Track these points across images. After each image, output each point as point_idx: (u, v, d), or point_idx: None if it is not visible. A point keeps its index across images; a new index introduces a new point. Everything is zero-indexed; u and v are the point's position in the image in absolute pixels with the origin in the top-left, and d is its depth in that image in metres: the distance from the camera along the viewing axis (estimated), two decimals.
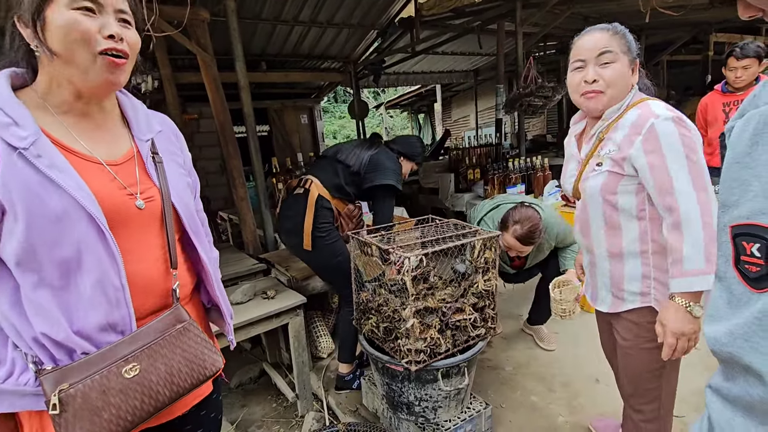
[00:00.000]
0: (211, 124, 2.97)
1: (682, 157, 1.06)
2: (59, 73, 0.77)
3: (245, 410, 2.25)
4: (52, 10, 0.74)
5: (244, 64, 2.56)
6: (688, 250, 1.05)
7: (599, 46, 1.14)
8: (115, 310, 0.80)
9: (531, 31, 4.71)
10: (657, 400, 1.30)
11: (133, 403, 0.78)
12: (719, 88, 3.07)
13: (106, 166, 0.83)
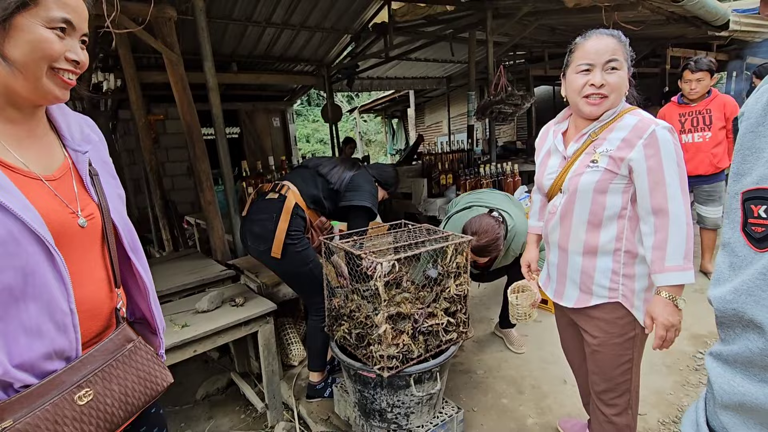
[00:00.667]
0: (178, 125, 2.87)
1: (675, 164, 1.15)
2: (3, 78, 0.71)
3: (212, 422, 2.17)
4: (26, 21, 0.69)
5: (212, 65, 2.49)
6: (671, 247, 1.15)
7: (608, 53, 1.18)
8: (62, 337, 0.75)
9: (501, 40, 4.83)
10: (628, 392, 1.36)
11: (87, 429, 0.74)
12: (675, 99, 3.23)
13: (45, 182, 0.77)
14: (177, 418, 2.21)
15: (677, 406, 2.00)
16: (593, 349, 1.37)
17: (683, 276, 1.15)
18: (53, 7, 0.71)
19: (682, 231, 1.14)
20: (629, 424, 1.39)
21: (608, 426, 1.41)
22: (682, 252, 1.14)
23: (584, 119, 1.30)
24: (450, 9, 4.24)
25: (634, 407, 1.39)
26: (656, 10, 3.45)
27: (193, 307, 1.99)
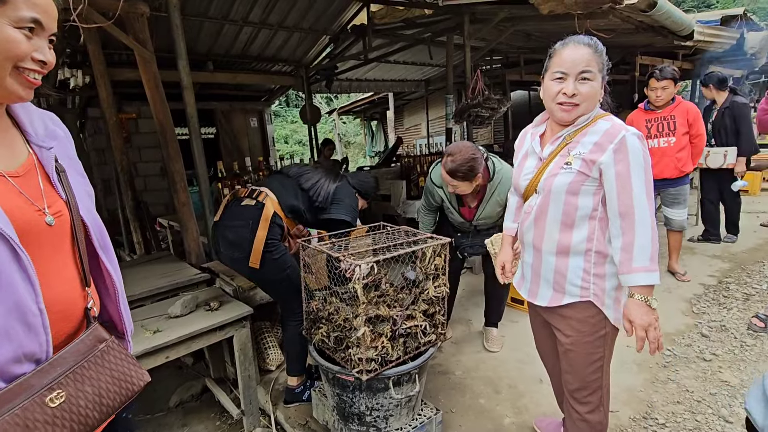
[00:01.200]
0: (151, 124, 2.78)
1: (642, 170, 1.20)
2: None
3: (186, 430, 2.11)
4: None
5: (187, 63, 2.43)
6: (637, 249, 1.19)
7: (582, 64, 1.21)
8: (31, 339, 0.72)
9: (478, 45, 4.91)
10: (599, 390, 1.40)
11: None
12: (642, 106, 3.34)
13: (8, 178, 0.75)
14: (149, 426, 2.13)
15: (647, 403, 2.06)
16: (566, 348, 1.40)
17: (649, 277, 1.19)
18: (22, 7, 0.69)
19: (647, 234, 1.18)
20: (601, 421, 1.43)
21: (581, 423, 1.44)
22: (648, 254, 1.19)
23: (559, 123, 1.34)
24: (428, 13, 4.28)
25: (605, 404, 1.43)
26: (626, 19, 3.57)
27: (166, 312, 1.93)
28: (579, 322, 1.35)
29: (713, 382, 2.18)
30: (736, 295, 3.10)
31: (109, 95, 3.23)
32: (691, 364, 2.34)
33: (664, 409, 2.02)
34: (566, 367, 1.43)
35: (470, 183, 2.06)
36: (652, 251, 1.19)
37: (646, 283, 1.20)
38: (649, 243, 1.19)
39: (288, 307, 2.04)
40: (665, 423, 1.92)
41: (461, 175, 2.01)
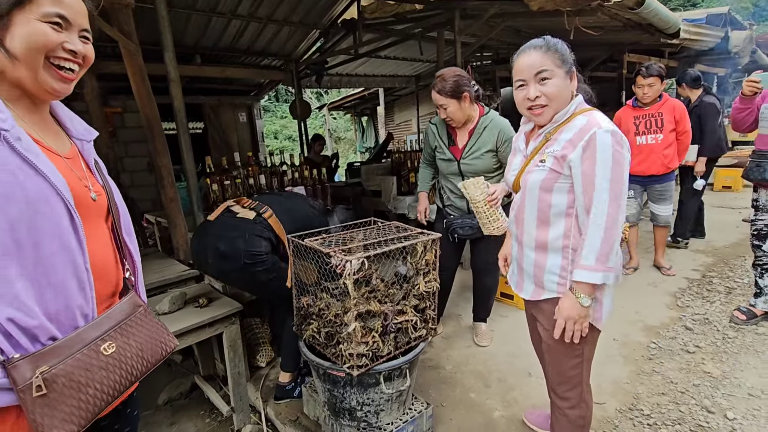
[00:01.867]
0: (138, 118, 2.72)
1: (609, 169, 1.18)
2: (10, 70, 0.78)
3: (175, 428, 2.09)
4: (22, 17, 0.76)
5: (173, 56, 2.39)
6: (586, 248, 1.21)
7: (536, 66, 1.24)
8: (80, 294, 0.83)
9: (469, 41, 4.91)
10: (579, 386, 1.41)
11: (113, 377, 0.84)
12: (630, 103, 3.38)
13: (63, 158, 0.87)
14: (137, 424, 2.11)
15: (633, 394, 2.10)
16: (546, 342, 1.43)
17: (590, 276, 1.20)
18: (46, 3, 0.77)
19: (599, 233, 1.18)
20: (583, 416, 1.44)
21: (563, 418, 1.46)
22: (595, 253, 1.19)
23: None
24: (419, 8, 4.26)
25: (587, 400, 1.44)
26: (614, 16, 3.61)
27: (154, 309, 1.91)
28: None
29: (696, 373, 2.23)
30: (719, 289, 3.17)
31: (94, 89, 3.16)
32: (675, 356, 2.39)
33: (649, 400, 2.06)
34: (548, 361, 1.46)
35: (459, 103, 2.11)
36: (600, 251, 1.19)
37: (585, 281, 1.21)
38: (599, 242, 1.18)
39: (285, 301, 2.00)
40: (650, 414, 1.96)
41: (449, 92, 2.07)
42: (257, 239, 1.86)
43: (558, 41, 1.27)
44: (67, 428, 0.77)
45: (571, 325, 1.26)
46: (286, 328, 2.05)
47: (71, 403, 0.78)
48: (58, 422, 0.76)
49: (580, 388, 1.41)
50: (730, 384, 2.12)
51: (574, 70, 1.29)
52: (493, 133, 2.20)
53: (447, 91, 2.08)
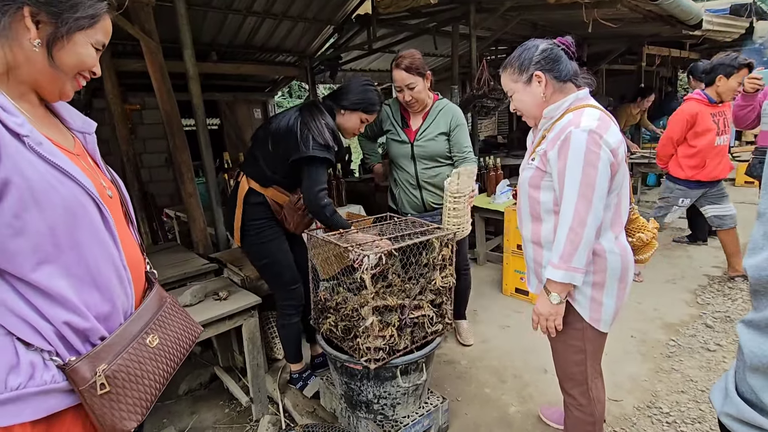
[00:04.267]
0: (156, 115, 2.78)
1: (579, 167, 1.18)
2: (31, 70, 0.78)
3: (195, 418, 2.14)
4: (82, 38, 0.81)
5: (192, 53, 2.42)
6: (555, 245, 1.24)
7: (504, 88, 1.40)
8: (123, 292, 0.86)
9: (484, 35, 4.85)
10: (584, 383, 1.40)
11: (162, 367, 0.89)
12: (704, 98, 2.87)
13: (73, 154, 0.86)
14: (159, 413, 2.17)
15: (651, 392, 2.08)
16: (550, 339, 1.44)
17: (553, 273, 1.22)
18: (101, 32, 0.85)
19: (564, 231, 1.20)
20: (591, 413, 1.42)
21: (571, 414, 1.47)
22: (558, 251, 1.21)
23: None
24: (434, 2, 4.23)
25: (596, 397, 1.42)
26: (634, 8, 3.53)
27: None
28: None
29: (717, 372, 2.19)
30: (741, 286, 3.10)
31: (115, 86, 3.23)
32: (695, 354, 2.36)
33: (668, 398, 2.04)
34: (553, 357, 1.48)
35: (424, 81, 2.12)
36: (563, 250, 1.20)
37: (549, 277, 1.24)
38: (563, 241, 1.20)
39: (276, 297, 2.07)
40: (669, 412, 1.94)
41: (419, 68, 2.07)
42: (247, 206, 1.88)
43: (520, 51, 1.33)
44: (134, 419, 0.82)
45: (544, 322, 1.31)
46: (277, 326, 2.12)
47: (133, 395, 0.82)
48: (125, 414, 0.81)
49: (585, 386, 1.40)
50: None
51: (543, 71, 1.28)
52: (447, 117, 2.20)
53: (417, 67, 2.07)
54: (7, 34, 0.73)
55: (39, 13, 0.74)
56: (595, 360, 1.39)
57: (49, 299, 0.75)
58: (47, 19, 0.75)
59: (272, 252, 1.92)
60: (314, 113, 1.74)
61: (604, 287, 1.28)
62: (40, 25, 0.75)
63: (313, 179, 1.70)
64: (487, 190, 3.75)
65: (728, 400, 0.61)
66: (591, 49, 6.23)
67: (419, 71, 2.08)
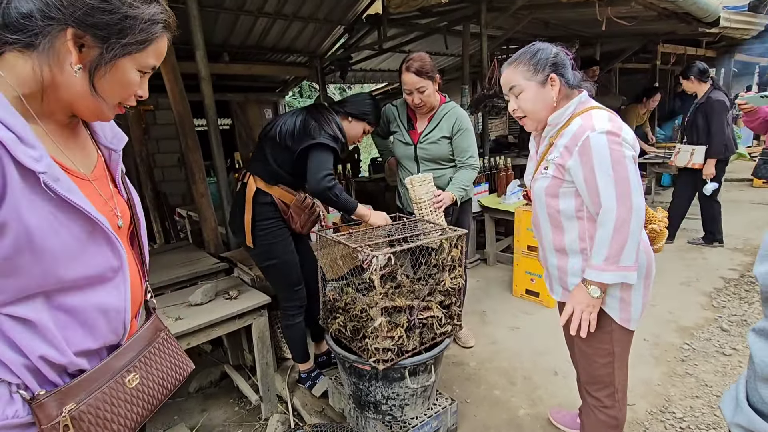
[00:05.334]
0: (168, 115, 2.82)
1: (608, 169, 1.17)
2: (69, 94, 0.71)
3: (205, 415, 2.17)
4: (127, 64, 0.73)
5: (204, 54, 2.45)
6: (596, 248, 1.22)
7: (508, 84, 1.31)
8: (117, 326, 0.81)
9: (495, 33, 4.82)
10: (611, 386, 1.38)
11: (136, 410, 0.81)
12: None
13: (91, 182, 0.80)
14: (170, 411, 2.20)
15: (665, 396, 2.04)
16: (575, 341, 1.41)
17: (598, 275, 1.21)
18: (152, 56, 0.76)
19: (607, 234, 1.18)
20: (616, 416, 1.41)
21: (594, 417, 1.44)
22: (603, 253, 1.20)
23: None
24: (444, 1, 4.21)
25: (620, 400, 1.41)
26: (649, 6, 3.47)
27: (186, 300, 1.98)
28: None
29: (733, 377, 2.15)
30: (758, 289, 3.02)
31: None
32: (710, 358, 2.31)
33: (682, 403, 2.00)
34: (578, 359, 1.45)
35: (434, 84, 2.10)
36: (608, 252, 1.19)
37: (594, 280, 1.22)
38: (607, 243, 1.18)
39: (279, 298, 2.05)
40: (683, 417, 1.90)
41: (429, 71, 2.05)
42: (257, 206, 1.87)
43: (534, 50, 1.27)
44: None
45: (579, 312, 1.28)
46: (281, 327, 2.11)
47: None
48: None
49: (612, 389, 1.38)
50: None
51: (557, 75, 1.25)
52: (450, 121, 2.18)
53: (427, 70, 2.05)
54: (48, 54, 0.67)
55: (84, 36, 0.67)
56: (622, 362, 1.38)
57: (27, 330, 0.69)
58: (92, 43, 0.68)
59: (281, 252, 1.93)
60: (323, 110, 1.88)
61: (632, 285, 1.27)
62: (83, 49, 0.68)
63: (319, 162, 1.77)
64: (498, 191, 3.72)
65: (739, 410, 0.59)
66: (604, 48, 6.14)
67: (429, 75, 2.06)
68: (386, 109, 2.39)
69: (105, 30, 0.68)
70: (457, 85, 4.39)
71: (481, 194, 3.67)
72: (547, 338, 2.53)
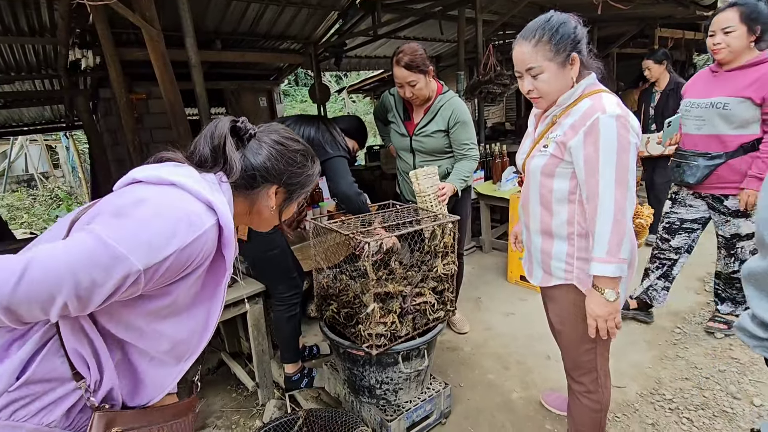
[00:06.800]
0: (162, 104, 2.78)
1: (613, 154, 1.13)
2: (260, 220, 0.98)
3: (203, 402, 2.19)
4: (295, 202, 1.01)
5: (194, 41, 2.41)
6: (597, 238, 1.16)
7: (525, 63, 1.21)
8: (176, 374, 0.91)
9: (490, 18, 4.76)
10: (594, 371, 1.39)
11: None
12: None
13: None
14: None
15: (655, 379, 2.08)
16: (556, 327, 1.42)
17: (604, 268, 1.15)
18: (302, 196, 1.02)
19: (608, 223, 1.14)
20: (599, 401, 1.42)
21: (578, 402, 1.45)
22: (605, 244, 1.15)
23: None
24: None
25: (603, 385, 1.42)
26: None
27: None
28: (565, 304, 1.35)
29: (723, 359, 2.18)
30: None
31: (119, 75, 3.23)
32: (701, 341, 2.34)
33: (671, 385, 2.03)
34: (561, 345, 1.46)
35: (426, 78, 2.06)
36: (610, 242, 1.14)
37: (600, 274, 1.16)
38: (608, 233, 1.14)
39: (274, 291, 2.02)
40: (672, 399, 1.94)
41: (420, 65, 2.00)
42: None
43: (556, 25, 1.17)
44: None
45: (603, 324, 1.21)
46: (275, 317, 2.07)
47: None
48: None
49: (595, 374, 1.39)
50: (758, 371, 2.07)
51: (577, 53, 1.19)
52: (446, 113, 2.14)
53: (418, 64, 2.00)
54: (258, 196, 0.94)
55: (280, 189, 0.95)
56: (604, 348, 1.38)
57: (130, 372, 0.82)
58: (283, 194, 0.97)
59: (279, 241, 1.95)
60: (333, 126, 2.06)
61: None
62: (276, 195, 0.95)
63: (345, 171, 1.96)
64: (493, 178, 3.72)
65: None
66: (601, 33, 6.07)
67: (420, 68, 2.01)
68: (384, 97, 2.37)
69: (293, 187, 0.97)
70: (453, 72, 4.35)
71: (477, 182, 3.67)
72: (541, 323, 2.53)
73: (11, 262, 0.64)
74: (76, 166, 11.20)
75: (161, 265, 0.71)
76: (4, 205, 10.04)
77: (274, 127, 0.97)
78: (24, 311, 0.65)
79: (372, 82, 11.23)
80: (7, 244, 3.49)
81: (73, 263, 0.65)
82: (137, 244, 0.69)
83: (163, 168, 0.82)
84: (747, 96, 1.93)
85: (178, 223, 0.73)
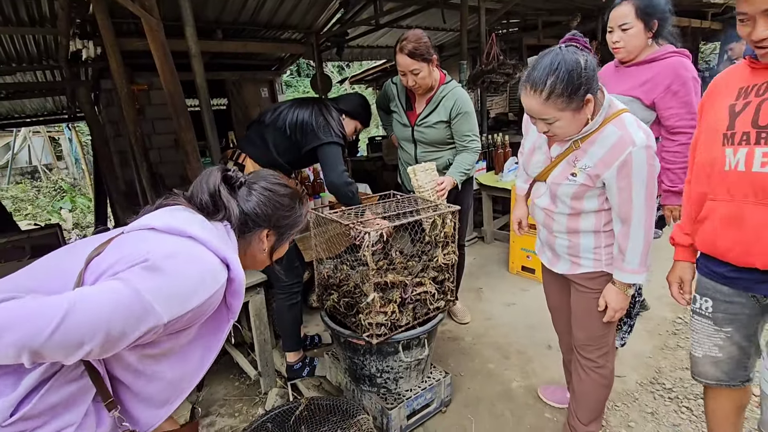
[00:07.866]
0: (163, 95, 2.77)
1: (644, 185, 1.23)
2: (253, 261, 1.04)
3: (206, 390, 2.22)
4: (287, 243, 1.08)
5: (194, 30, 2.40)
6: (630, 254, 1.29)
7: (537, 114, 1.21)
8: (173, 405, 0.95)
9: (494, 7, 4.70)
10: (606, 345, 1.48)
11: None
12: None
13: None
14: None
15: (655, 368, 2.08)
16: (579, 304, 1.47)
17: (636, 278, 1.31)
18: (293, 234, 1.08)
19: (640, 240, 1.27)
20: (607, 376, 1.51)
21: (587, 378, 1.51)
22: (638, 258, 1.28)
23: None
24: None
25: (611, 360, 1.51)
26: None
27: None
28: (592, 284, 1.43)
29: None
30: None
31: (120, 66, 3.22)
32: None
33: (671, 374, 2.04)
34: (578, 321, 1.50)
35: (429, 67, 2.03)
36: (642, 255, 1.28)
37: (631, 282, 1.32)
38: (641, 247, 1.27)
39: (276, 279, 2.03)
40: (672, 388, 1.95)
41: (423, 53, 1.97)
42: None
43: (564, 75, 1.12)
44: None
45: (620, 314, 1.39)
46: (276, 305, 2.08)
47: None
48: None
49: (606, 348, 1.48)
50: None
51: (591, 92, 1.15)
52: (449, 104, 2.11)
53: (422, 52, 1.96)
54: (251, 240, 1.00)
55: (270, 231, 1.02)
56: (614, 326, 1.48)
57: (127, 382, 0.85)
58: (274, 236, 1.03)
59: None
60: (329, 109, 1.97)
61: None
62: (268, 237, 1.02)
63: (336, 159, 1.89)
64: (495, 168, 3.70)
65: None
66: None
67: (424, 57, 1.98)
68: (386, 86, 2.35)
69: (283, 229, 1.03)
70: (455, 61, 4.31)
71: (479, 172, 3.65)
72: (542, 313, 2.54)
73: (51, 309, 0.65)
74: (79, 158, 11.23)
75: (181, 318, 0.75)
76: (9, 197, 10.10)
77: (262, 174, 1.04)
78: (48, 355, 0.66)
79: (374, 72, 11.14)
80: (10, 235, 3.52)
81: (110, 313, 0.67)
82: (166, 298, 0.72)
83: (178, 216, 0.87)
84: (636, 96, 1.83)
85: (202, 280, 0.78)
